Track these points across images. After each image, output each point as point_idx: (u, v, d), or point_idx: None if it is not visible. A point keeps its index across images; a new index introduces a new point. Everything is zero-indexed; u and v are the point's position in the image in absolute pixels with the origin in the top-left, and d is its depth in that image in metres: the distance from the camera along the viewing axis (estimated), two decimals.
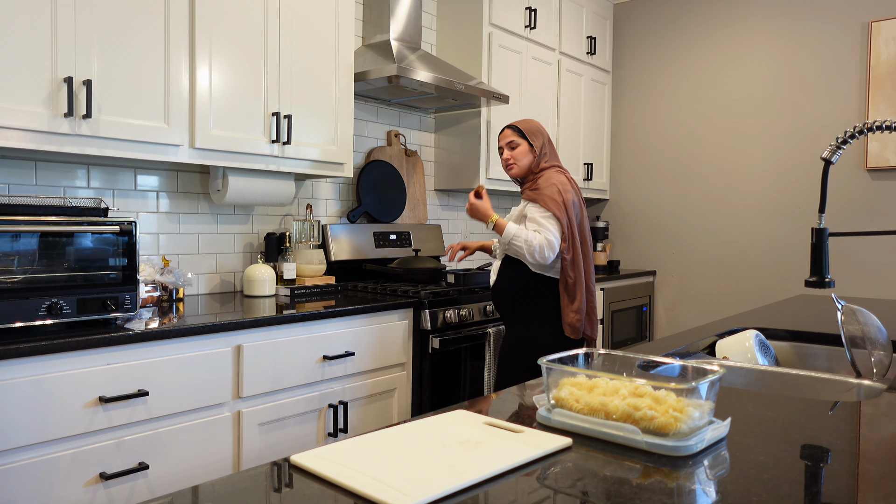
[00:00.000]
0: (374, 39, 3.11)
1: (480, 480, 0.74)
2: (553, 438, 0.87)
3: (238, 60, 2.28)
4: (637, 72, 4.44)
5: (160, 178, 2.47)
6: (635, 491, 0.72)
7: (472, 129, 3.47)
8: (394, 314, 2.45)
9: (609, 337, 3.93)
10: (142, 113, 2.03)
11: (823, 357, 1.76)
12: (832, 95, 3.70)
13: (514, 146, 2.36)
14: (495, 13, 3.42)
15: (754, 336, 1.66)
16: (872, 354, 1.38)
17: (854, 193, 3.63)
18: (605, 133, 4.48)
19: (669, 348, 1.59)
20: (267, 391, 2.03)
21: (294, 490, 0.72)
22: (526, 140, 2.35)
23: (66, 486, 1.61)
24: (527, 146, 2.35)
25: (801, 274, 3.84)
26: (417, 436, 0.88)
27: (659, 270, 4.39)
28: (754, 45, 3.97)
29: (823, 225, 1.42)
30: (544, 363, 1.00)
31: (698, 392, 0.88)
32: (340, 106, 2.63)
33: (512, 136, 2.38)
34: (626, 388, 0.93)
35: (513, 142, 2.36)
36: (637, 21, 4.44)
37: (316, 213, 3.02)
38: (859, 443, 0.90)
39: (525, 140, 2.35)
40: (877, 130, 1.34)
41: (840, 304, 1.43)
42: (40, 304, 1.66)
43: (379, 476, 0.73)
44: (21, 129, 1.78)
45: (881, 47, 3.52)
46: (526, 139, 2.36)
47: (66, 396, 1.60)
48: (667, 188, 4.33)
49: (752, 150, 3.99)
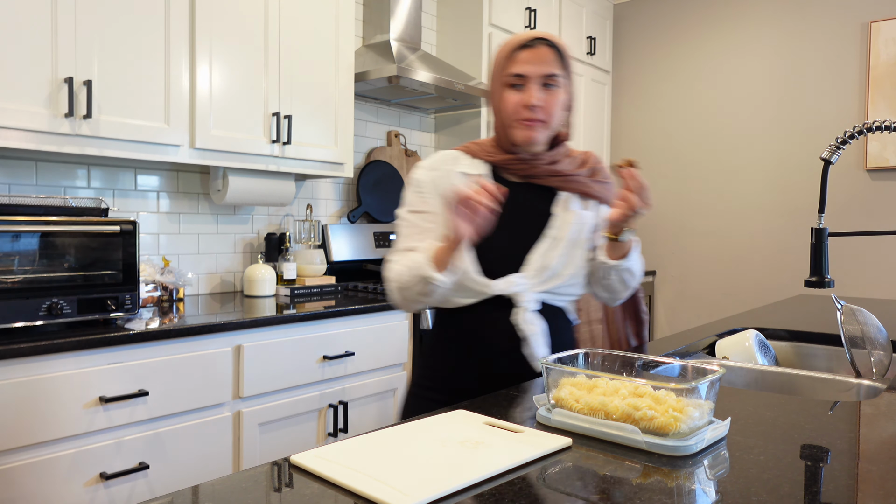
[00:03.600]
0: (374, 39, 3.11)
1: (480, 480, 0.74)
2: (553, 438, 0.87)
3: (238, 60, 2.28)
4: (637, 72, 4.44)
5: (160, 179, 2.47)
6: (635, 491, 0.72)
7: (472, 129, 3.47)
8: (394, 314, 2.45)
9: None
10: (142, 113, 2.03)
11: (823, 357, 1.77)
12: (832, 95, 3.70)
13: (554, 83, 1.30)
14: (495, 13, 3.42)
15: (754, 336, 1.66)
16: (872, 354, 1.38)
17: (854, 193, 3.63)
18: (605, 133, 4.48)
19: (669, 348, 1.59)
20: (267, 391, 2.03)
21: (294, 490, 0.72)
22: (570, 79, 1.35)
23: (67, 486, 1.61)
24: (568, 91, 1.35)
25: (801, 274, 3.84)
26: (417, 436, 0.88)
27: (659, 270, 4.39)
28: (754, 45, 3.96)
29: (823, 225, 1.42)
30: (544, 363, 1.00)
31: (698, 392, 0.88)
32: (340, 106, 2.63)
33: (555, 64, 1.30)
34: (626, 388, 0.93)
35: (555, 77, 1.29)
36: (637, 21, 4.44)
37: (316, 214, 3.02)
38: (859, 443, 0.90)
39: (569, 79, 1.34)
40: (876, 130, 1.34)
41: (840, 304, 1.43)
42: (41, 304, 1.66)
43: (379, 476, 0.73)
44: (22, 130, 1.78)
45: (881, 47, 3.52)
46: (570, 78, 1.35)
47: (66, 396, 1.60)
48: (667, 188, 4.33)
49: (752, 150, 3.99)
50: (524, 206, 1.37)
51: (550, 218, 1.35)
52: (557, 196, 1.38)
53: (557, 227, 1.34)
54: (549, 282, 1.32)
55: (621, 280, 1.36)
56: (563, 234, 1.33)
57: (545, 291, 1.32)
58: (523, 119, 1.31)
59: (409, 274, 1.26)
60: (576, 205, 1.38)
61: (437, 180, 1.36)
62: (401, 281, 1.28)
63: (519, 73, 1.30)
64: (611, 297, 1.42)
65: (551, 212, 1.36)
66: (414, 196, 1.37)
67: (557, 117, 1.35)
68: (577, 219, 1.36)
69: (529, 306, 1.29)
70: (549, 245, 1.32)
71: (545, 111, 1.31)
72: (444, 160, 1.39)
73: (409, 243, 1.32)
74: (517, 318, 1.29)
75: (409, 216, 1.36)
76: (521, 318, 1.29)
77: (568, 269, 1.34)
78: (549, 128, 1.34)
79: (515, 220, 1.35)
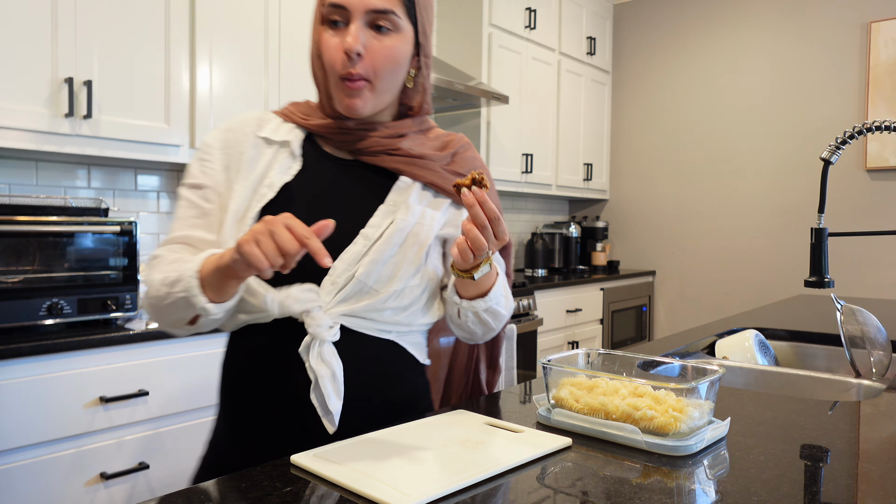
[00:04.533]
0: None
1: (480, 480, 0.74)
2: (553, 438, 0.87)
3: (238, 60, 2.28)
4: (637, 72, 4.44)
5: (161, 179, 2.47)
6: (635, 491, 0.72)
7: (472, 129, 3.47)
8: None
9: (609, 337, 3.93)
10: (142, 113, 2.03)
11: (823, 357, 1.77)
12: (832, 95, 3.71)
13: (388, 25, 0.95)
14: (495, 13, 3.42)
15: (754, 336, 1.66)
16: (872, 354, 1.38)
17: (853, 193, 3.64)
18: (605, 133, 4.48)
19: (669, 348, 1.59)
20: None
21: (294, 490, 0.72)
22: (413, 23, 0.97)
23: (67, 486, 1.61)
24: (410, 36, 0.98)
25: (801, 274, 3.84)
26: (417, 436, 0.88)
27: (659, 270, 4.39)
28: (754, 45, 3.97)
29: (823, 225, 1.42)
30: (544, 363, 1.00)
31: (698, 392, 0.88)
32: None
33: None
34: (626, 388, 0.93)
35: (389, 15, 0.94)
36: (637, 21, 4.44)
37: None
38: (859, 442, 0.90)
39: (411, 22, 0.97)
40: (876, 131, 1.34)
41: (839, 304, 1.43)
42: (41, 304, 1.66)
43: (379, 476, 0.73)
44: (22, 130, 1.78)
45: (881, 47, 3.52)
46: (414, 21, 0.98)
47: (66, 396, 1.60)
48: (666, 188, 4.33)
49: (752, 150, 3.99)
50: (346, 190, 1.00)
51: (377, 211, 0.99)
52: (396, 183, 1.01)
53: (376, 224, 0.96)
54: (356, 300, 0.94)
55: (480, 322, 1.01)
56: (386, 235, 0.95)
57: (353, 315, 0.95)
58: (343, 77, 0.94)
59: (165, 290, 0.89)
60: (418, 198, 1.01)
61: (229, 146, 1.01)
62: (156, 296, 0.91)
63: (337, 2, 0.92)
64: (469, 337, 1.07)
65: (384, 202, 0.99)
66: (196, 165, 1.01)
67: (392, 76, 0.96)
68: (413, 217, 0.98)
69: (325, 334, 0.91)
70: (361, 247, 0.95)
71: (371, 64, 0.93)
72: (246, 122, 1.03)
73: (184, 230, 0.98)
74: (305, 351, 0.92)
75: (186, 193, 1.00)
76: (312, 352, 0.91)
77: (392, 285, 0.95)
78: (376, 91, 0.96)
79: (331, 208, 0.98)
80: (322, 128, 1.01)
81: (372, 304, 0.95)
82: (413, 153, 1.01)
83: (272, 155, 1.00)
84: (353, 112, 0.96)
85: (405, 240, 0.97)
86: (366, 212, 0.98)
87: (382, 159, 1.01)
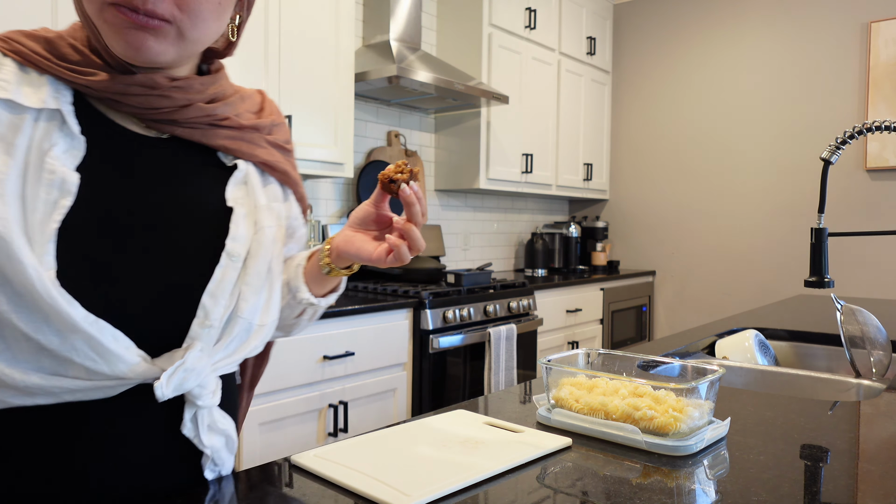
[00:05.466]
0: (374, 40, 3.11)
1: (480, 480, 0.74)
2: (553, 438, 0.87)
3: (238, 60, 2.28)
4: (637, 72, 4.44)
5: None
6: (635, 491, 0.72)
7: (471, 129, 3.47)
8: (394, 314, 2.45)
9: (609, 337, 3.93)
10: None
11: (823, 357, 1.77)
12: (832, 95, 3.71)
13: None
14: (495, 13, 3.42)
15: (754, 336, 1.66)
16: (872, 354, 1.38)
17: (854, 193, 3.64)
18: (605, 133, 4.48)
19: (669, 348, 1.59)
20: (267, 391, 2.03)
21: (294, 490, 0.72)
22: None
23: None
24: None
25: (801, 274, 3.85)
26: (417, 436, 0.88)
27: (659, 270, 4.39)
28: (754, 45, 3.97)
29: (823, 225, 1.42)
30: (544, 363, 1.00)
31: (698, 392, 0.88)
32: (340, 106, 2.63)
33: None
34: (626, 388, 0.93)
35: None
36: (637, 21, 4.44)
37: (316, 214, 3.02)
38: (859, 442, 0.90)
39: None
40: (876, 131, 1.34)
41: (839, 304, 1.43)
42: None
43: (379, 476, 0.73)
44: None
45: (881, 47, 3.52)
46: None
47: None
48: (666, 188, 4.33)
49: (752, 149, 3.99)
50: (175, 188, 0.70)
51: (227, 213, 0.72)
52: (235, 172, 0.75)
53: (240, 236, 0.72)
54: (237, 344, 0.73)
55: (310, 318, 0.88)
56: (253, 250, 0.72)
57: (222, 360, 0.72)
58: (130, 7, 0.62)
59: None
60: (262, 189, 0.78)
61: None
62: None
63: None
64: (283, 334, 0.92)
65: (226, 201, 0.73)
66: None
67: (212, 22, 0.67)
68: (274, 218, 0.77)
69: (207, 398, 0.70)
70: (231, 271, 0.70)
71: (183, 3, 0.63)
72: None
73: None
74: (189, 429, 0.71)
75: None
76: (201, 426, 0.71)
77: (268, 315, 0.75)
78: (187, 40, 0.66)
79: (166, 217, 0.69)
80: (106, 87, 0.65)
81: (251, 346, 0.73)
82: (244, 124, 0.75)
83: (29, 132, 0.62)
84: (143, 57, 0.64)
85: (272, 252, 0.74)
86: (210, 217, 0.71)
87: (206, 133, 0.71)
